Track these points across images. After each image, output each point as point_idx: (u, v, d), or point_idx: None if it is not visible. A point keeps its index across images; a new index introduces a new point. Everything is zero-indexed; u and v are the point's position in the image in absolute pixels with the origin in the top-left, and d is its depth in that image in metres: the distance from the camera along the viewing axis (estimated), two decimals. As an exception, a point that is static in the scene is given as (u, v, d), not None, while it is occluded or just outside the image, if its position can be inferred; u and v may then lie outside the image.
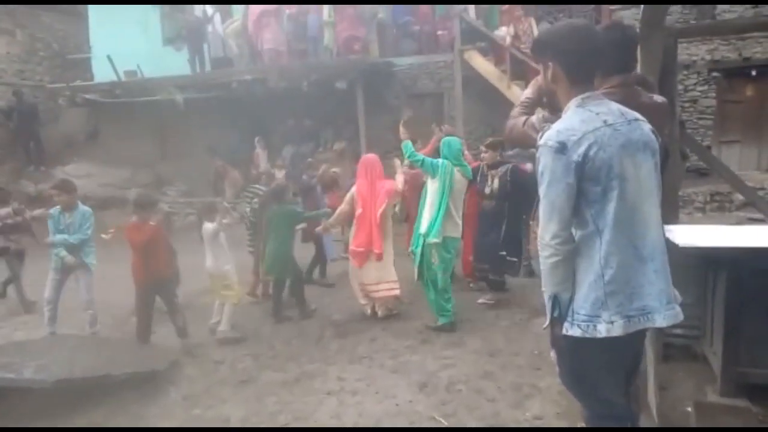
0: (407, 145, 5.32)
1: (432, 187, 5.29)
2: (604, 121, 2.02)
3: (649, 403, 3.11)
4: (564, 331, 2.07)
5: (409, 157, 5.34)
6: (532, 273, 6.51)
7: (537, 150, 2.12)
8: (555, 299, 2.08)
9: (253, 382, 4.56)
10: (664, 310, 2.02)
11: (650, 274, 2.02)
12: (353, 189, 5.96)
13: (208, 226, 5.61)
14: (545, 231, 2.05)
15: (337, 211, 6.07)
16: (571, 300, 2.06)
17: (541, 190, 2.06)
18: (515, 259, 5.78)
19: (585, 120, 2.03)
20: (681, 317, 2.07)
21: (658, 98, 2.73)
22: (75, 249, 5.59)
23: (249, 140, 12.33)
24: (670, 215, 3.15)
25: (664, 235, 2.13)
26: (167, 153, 13.51)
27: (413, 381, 4.29)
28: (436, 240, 5.18)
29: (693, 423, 3.11)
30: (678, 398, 3.40)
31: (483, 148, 6.11)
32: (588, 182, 2.00)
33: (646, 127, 2.11)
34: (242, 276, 6.23)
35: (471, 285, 6.30)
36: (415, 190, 6.15)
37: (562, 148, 1.99)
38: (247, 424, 3.93)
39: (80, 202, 5.80)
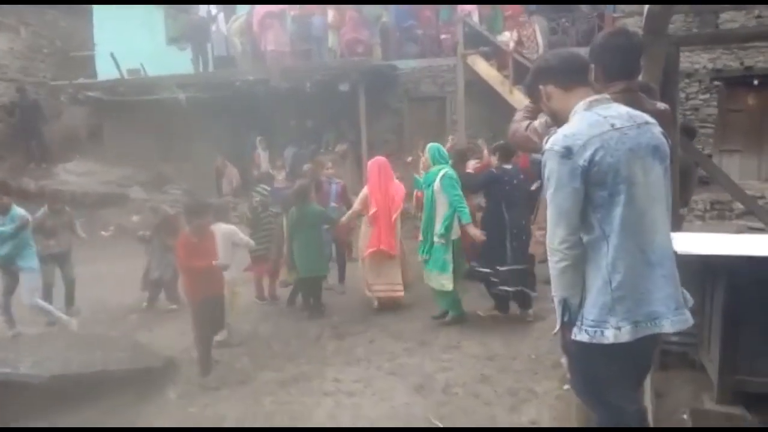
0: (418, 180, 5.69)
1: (442, 197, 5.33)
2: (612, 125, 2.01)
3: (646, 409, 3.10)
4: (573, 336, 2.07)
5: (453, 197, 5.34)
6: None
7: (542, 154, 2.13)
8: (565, 304, 2.07)
9: (250, 382, 4.55)
10: (672, 316, 2.00)
11: (658, 279, 2.00)
12: (365, 189, 6.14)
13: (221, 227, 5.40)
14: (553, 236, 2.05)
15: (350, 211, 6.29)
16: (580, 305, 2.06)
17: (548, 195, 2.07)
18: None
19: (592, 124, 2.02)
20: (690, 322, 2.05)
21: (661, 105, 2.73)
22: (10, 256, 5.44)
23: (251, 140, 12.35)
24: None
25: (671, 239, 2.11)
26: (169, 152, 13.52)
27: (410, 383, 4.28)
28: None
29: (689, 430, 3.11)
30: (674, 405, 3.39)
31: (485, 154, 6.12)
32: (594, 187, 1.98)
33: (656, 130, 2.09)
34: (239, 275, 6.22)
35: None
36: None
37: (567, 153, 1.98)
38: (242, 424, 3.92)
39: (15, 205, 5.59)
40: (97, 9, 14.17)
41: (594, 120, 2.03)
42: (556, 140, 2.03)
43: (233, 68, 12.63)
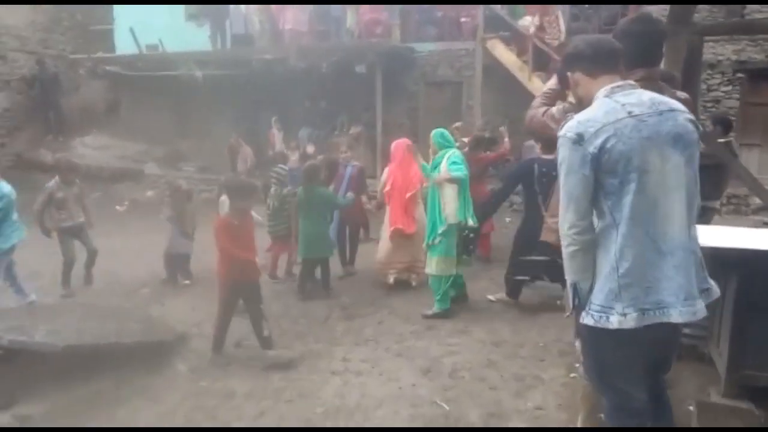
0: (425, 166, 5.56)
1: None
2: (629, 113, 2.00)
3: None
4: (581, 320, 2.11)
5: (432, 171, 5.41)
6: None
7: (557, 140, 2.14)
8: (575, 288, 2.11)
9: (259, 358, 4.61)
10: (680, 306, 1.99)
11: (669, 269, 2.00)
12: (387, 169, 6.32)
13: None
14: (563, 221, 2.08)
15: (379, 191, 6.49)
16: (590, 289, 2.09)
17: (560, 181, 2.09)
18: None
19: (608, 111, 2.02)
20: (700, 314, 2.03)
21: (682, 94, 2.69)
22: None
23: (266, 119, 12.36)
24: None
25: (692, 230, 2.08)
26: (185, 128, 13.59)
27: (417, 365, 4.32)
28: (473, 223, 5.33)
29: (694, 422, 3.11)
30: (681, 397, 3.38)
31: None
32: (605, 174, 1.99)
33: (682, 117, 2.05)
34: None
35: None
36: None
37: (579, 140, 2.00)
38: (251, 399, 3.98)
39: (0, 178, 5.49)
40: (117, -17, 14.19)
41: (611, 107, 2.03)
42: (570, 127, 2.05)
43: (251, 46, 12.59)
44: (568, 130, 2.04)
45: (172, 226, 6.68)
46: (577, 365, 3.59)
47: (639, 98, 2.05)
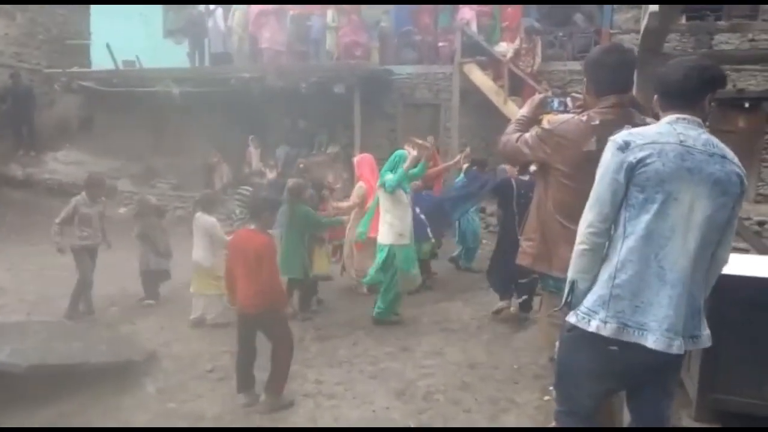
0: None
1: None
2: (681, 141, 2.03)
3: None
4: (566, 316, 2.16)
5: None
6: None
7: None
8: (572, 286, 2.15)
9: (229, 379, 4.50)
10: (659, 334, 2.00)
11: (664, 297, 2.02)
12: (362, 185, 6.51)
13: (206, 218, 5.56)
14: (584, 219, 2.14)
15: (349, 203, 6.67)
16: (587, 291, 2.13)
17: (595, 181, 2.14)
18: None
19: (662, 132, 2.07)
20: (676, 351, 2.01)
21: (651, 120, 2.75)
22: None
23: (243, 138, 12.31)
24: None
25: (699, 275, 2.08)
26: (160, 145, 13.42)
27: (391, 388, 4.28)
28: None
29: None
30: (653, 421, 3.41)
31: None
32: (635, 187, 2.04)
33: (731, 167, 2.05)
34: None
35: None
36: None
37: (624, 146, 2.05)
38: (221, 422, 3.90)
39: None
40: (95, -1, 14.11)
41: (666, 130, 2.08)
42: (621, 134, 2.11)
43: (229, 65, 12.57)
44: (618, 136, 2.10)
45: (142, 244, 6.52)
46: (551, 388, 3.60)
47: (696, 135, 2.06)
